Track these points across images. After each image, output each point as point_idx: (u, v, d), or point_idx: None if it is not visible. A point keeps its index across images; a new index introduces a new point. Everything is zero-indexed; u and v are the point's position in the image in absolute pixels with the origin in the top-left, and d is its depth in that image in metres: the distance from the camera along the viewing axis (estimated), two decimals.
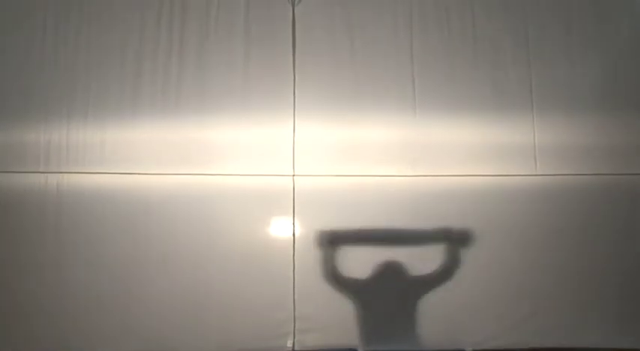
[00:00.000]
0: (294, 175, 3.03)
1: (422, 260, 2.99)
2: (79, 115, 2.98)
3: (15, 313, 2.84)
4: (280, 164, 3.04)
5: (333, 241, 2.98)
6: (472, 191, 3.07)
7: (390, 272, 2.97)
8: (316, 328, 2.94)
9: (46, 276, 2.87)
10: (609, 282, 3.02)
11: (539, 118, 3.12)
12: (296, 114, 3.07)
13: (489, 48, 3.16)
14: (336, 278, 2.97)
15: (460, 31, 3.17)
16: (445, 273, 2.99)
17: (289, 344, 2.93)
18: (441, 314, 2.96)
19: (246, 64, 3.08)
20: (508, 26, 3.18)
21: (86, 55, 3.02)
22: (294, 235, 3.00)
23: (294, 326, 2.94)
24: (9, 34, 3.00)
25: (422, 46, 3.15)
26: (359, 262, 2.99)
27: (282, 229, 3.01)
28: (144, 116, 3.01)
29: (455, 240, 3.02)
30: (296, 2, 3.13)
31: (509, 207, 3.07)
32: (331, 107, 3.08)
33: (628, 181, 3.08)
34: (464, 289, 2.98)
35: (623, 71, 3.16)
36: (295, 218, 3.00)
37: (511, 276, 3.01)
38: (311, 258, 2.98)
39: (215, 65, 3.07)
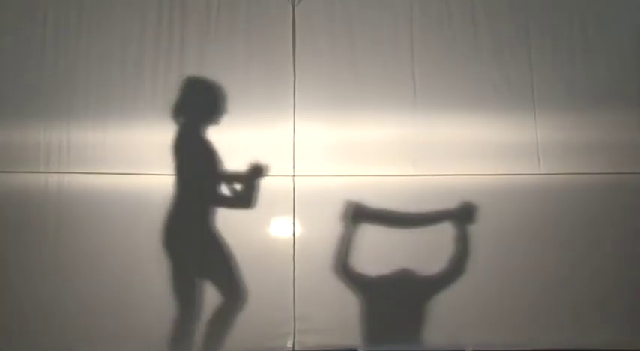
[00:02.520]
0: (294, 176, 3.03)
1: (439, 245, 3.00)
2: (79, 115, 2.99)
3: (15, 312, 2.85)
4: (280, 164, 3.03)
5: (356, 215, 2.98)
6: (474, 191, 3.05)
7: (401, 275, 2.96)
8: (316, 329, 2.93)
9: (46, 276, 2.88)
10: (612, 282, 2.98)
11: (541, 116, 3.10)
12: (296, 114, 3.06)
13: (490, 46, 3.15)
14: (345, 268, 2.96)
15: (461, 30, 3.16)
16: (457, 264, 2.97)
17: (289, 344, 2.92)
18: (442, 314, 2.94)
19: (246, 64, 3.09)
20: (509, 24, 3.16)
21: (86, 55, 3.03)
22: (294, 235, 2.99)
23: (294, 326, 2.93)
24: (9, 34, 3.02)
25: (422, 45, 3.14)
26: (370, 259, 2.98)
27: (282, 229, 3.00)
28: (144, 116, 3.02)
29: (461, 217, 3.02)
30: (296, 2, 3.13)
31: (511, 206, 3.04)
32: (331, 107, 3.08)
33: (632, 180, 3.05)
34: (465, 289, 2.96)
35: (625, 70, 3.14)
36: (295, 218, 3.00)
37: (513, 276, 2.99)
38: (311, 258, 2.97)
39: (215, 65, 3.07)
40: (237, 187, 2.98)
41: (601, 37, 3.16)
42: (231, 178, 2.97)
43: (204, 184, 2.99)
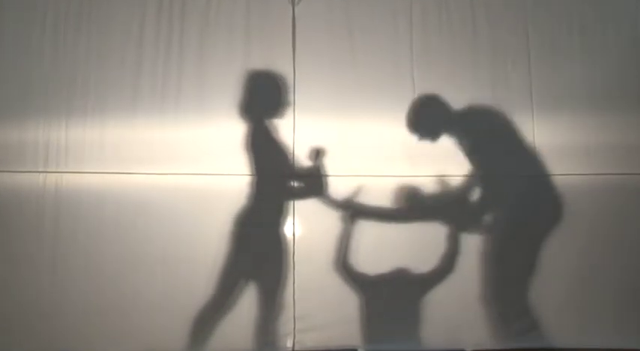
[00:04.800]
0: (294, 175, 3.02)
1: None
2: (78, 114, 2.97)
3: (14, 313, 2.83)
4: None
5: (354, 214, 2.99)
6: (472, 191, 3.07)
7: (399, 274, 2.98)
8: (316, 329, 2.93)
9: (44, 275, 2.86)
10: (610, 282, 3.01)
11: (539, 117, 3.11)
12: (296, 114, 3.06)
13: (489, 47, 3.16)
14: (345, 265, 2.97)
15: (460, 31, 3.17)
16: (447, 262, 2.99)
17: (289, 344, 2.92)
18: (442, 314, 2.95)
19: (246, 64, 3.07)
20: (508, 25, 3.18)
21: (85, 53, 3.01)
22: (294, 235, 2.99)
23: (294, 326, 2.93)
24: (8, 33, 2.99)
25: (422, 45, 3.15)
26: (369, 259, 2.99)
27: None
28: (143, 116, 3.00)
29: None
30: (296, 2, 3.13)
31: (510, 207, 3.06)
32: (331, 107, 3.07)
33: (630, 180, 3.07)
34: (464, 290, 2.98)
35: (624, 71, 3.16)
36: (295, 218, 3.00)
37: (512, 276, 3.01)
38: (311, 258, 2.97)
39: (215, 65, 3.05)
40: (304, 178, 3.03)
41: (600, 38, 3.18)
42: (298, 171, 3.01)
43: (277, 181, 3.01)
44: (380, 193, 3.03)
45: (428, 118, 3.08)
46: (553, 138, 3.09)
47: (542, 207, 3.06)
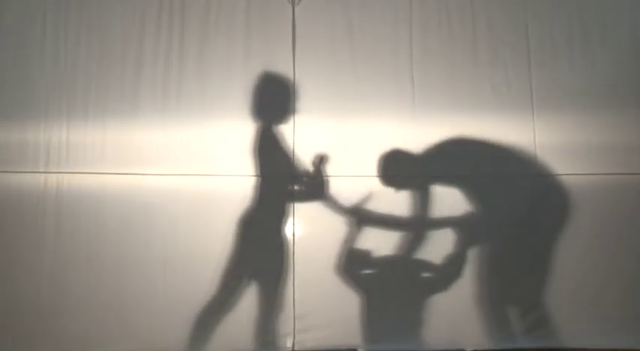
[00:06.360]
0: (294, 176, 3.03)
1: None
2: (79, 115, 2.98)
3: (14, 313, 2.84)
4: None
5: (361, 221, 3.00)
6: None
7: (401, 276, 2.99)
8: (316, 329, 2.94)
9: (45, 276, 2.87)
10: (610, 282, 3.01)
11: (539, 117, 3.11)
12: (296, 114, 3.06)
13: (489, 47, 3.16)
14: (347, 269, 2.97)
15: (460, 31, 3.17)
16: (455, 268, 2.99)
17: (289, 344, 2.93)
18: (442, 315, 2.96)
19: (246, 64, 3.08)
20: (508, 25, 3.18)
21: (86, 54, 3.02)
22: (294, 235, 2.99)
23: (294, 326, 2.94)
24: (9, 34, 3.00)
25: (422, 45, 3.15)
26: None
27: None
28: (144, 116, 3.01)
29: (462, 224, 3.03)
30: (296, 2, 3.13)
31: (509, 207, 3.06)
32: (331, 107, 3.08)
33: (629, 180, 3.07)
34: (464, 290, 2.98)
35: (623, 70, 3.15)
36: (295, 219, 3.00)
37: (512, 276, 3.01)
38: (311, 258, 2.97)
39: (215, 65, 3.06)
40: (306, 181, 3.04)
41: (600, 38, 3.17)
42: (301, 174, 3.03)
43: (280, 183, 3.03)
44: (380, 193, 3.03)
45: (396, 169, 3.08)
46: (553, 138, 3.09)
47: (546, 207, 3.06)
